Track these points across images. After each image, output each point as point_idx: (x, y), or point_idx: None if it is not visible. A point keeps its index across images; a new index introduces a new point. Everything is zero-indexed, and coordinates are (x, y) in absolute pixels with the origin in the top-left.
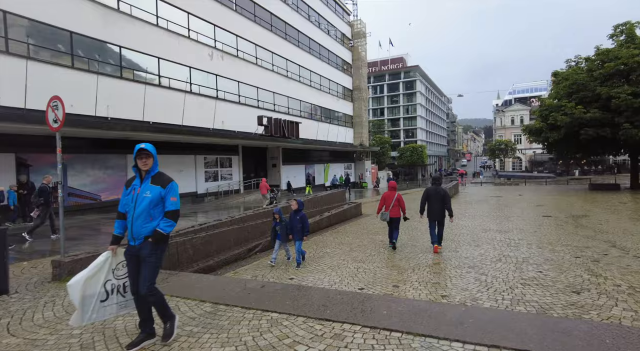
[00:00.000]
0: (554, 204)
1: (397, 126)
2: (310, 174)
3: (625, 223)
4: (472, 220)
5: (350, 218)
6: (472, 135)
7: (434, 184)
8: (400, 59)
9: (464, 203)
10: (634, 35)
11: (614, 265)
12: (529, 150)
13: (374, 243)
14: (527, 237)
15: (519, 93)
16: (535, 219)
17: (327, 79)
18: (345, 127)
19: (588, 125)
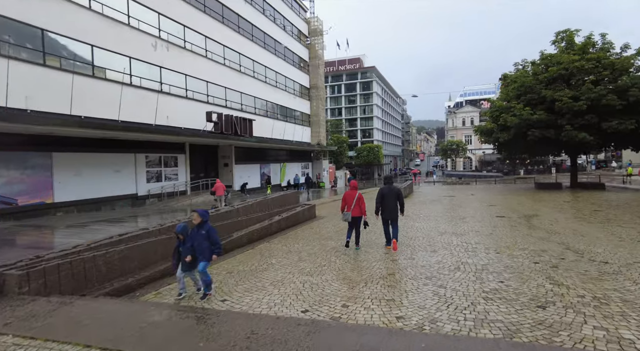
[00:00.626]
0: (505, 204)
1: (354, 126)
2: (265, 174)
3: (573, 223)
4: (428, 221)
5: (304, 221)
6: (425, 135)
7: (386, 184)
8: (357, 60)
9: (418, 204)
10: (573, 42)
11: (572, 270)
12: (478, 150)
13: (325, 251)
14: (484, 240)
15: (470, 95)
16: (489, 220)
17: (284, 75)
18: (303, 125)
19: (535, 126)
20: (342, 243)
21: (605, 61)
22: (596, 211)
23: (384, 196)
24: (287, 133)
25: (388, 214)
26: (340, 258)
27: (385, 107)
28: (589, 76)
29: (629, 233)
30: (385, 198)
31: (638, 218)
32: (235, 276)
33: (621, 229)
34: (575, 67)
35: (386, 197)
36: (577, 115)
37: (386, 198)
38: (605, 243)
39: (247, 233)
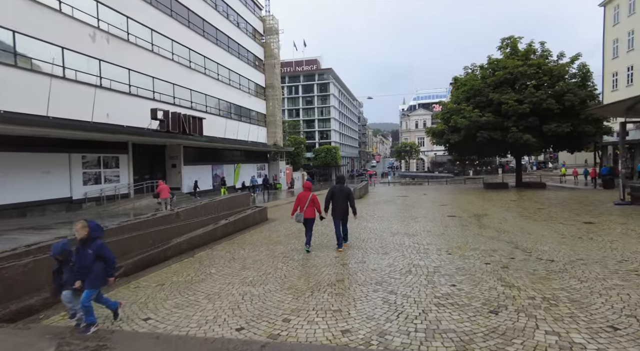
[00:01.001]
0: (456, 203)
1: (312, 127)
2: (218, 175)
3: (520, 221)
4: (381, 222)
5: (254, 225)
6: (381, 138)
7: (338, 183)
8: (314, 61)
9: (373, 204)
10: (516, 49)
11: (522, 270)
12: (430, 152)
13: (273, 257)
14: (436, 241)
15: (422, 99)
16: (441, 219)
17: (237, 73)
18: (258, 125)
19: (483, 128)
20: (291, 247)
21: (545, 67)
22: (540, 209)
23: (334, 195)
24: (241, 133)
25: (338, 214)
26: (287, 265)
27: (343, 109)
28: (531, 81)
29: (570, 230)
30: (336, 197)
31: (576, 215)
32: (166, 289)
33: (562, 226)
34: (519, 72)
35: (336, 196)
36: (522, 118)
37: (336, 197)
38: (549, 241)
39: (187, 239)
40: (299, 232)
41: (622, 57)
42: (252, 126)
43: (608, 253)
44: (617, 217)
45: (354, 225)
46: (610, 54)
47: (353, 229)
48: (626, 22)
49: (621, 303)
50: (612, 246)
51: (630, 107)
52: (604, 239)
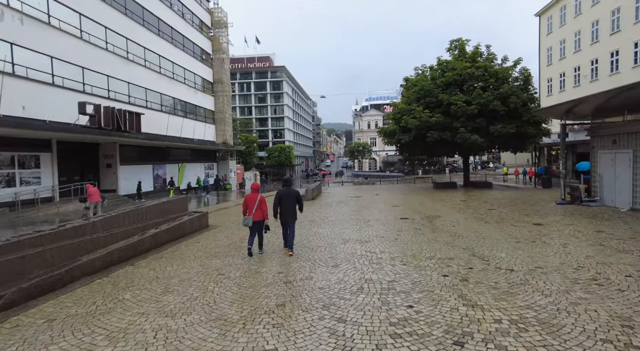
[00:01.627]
0: (408, 204)
1: (265, 126)
2: (160, 175)
3: (473, 223)
4: (333, 226)
5: (192, 233)
6: (335, 137)
7: (285, 186)
8: (267, 58)
9: (325, 206)
10: (464, 51)
11: (483, 283)
12: (382, 151)
13: (206, 274)
14: (389, 248)
15: (374, 100)
16: (394, 223)
17: (182, 67)
18: (206, 123)
19: (433, 128)
20: (229, 261)
21: (491, 70)
22: (490, 210)
23: (282, 198)
24: (186, 130)
25: (286, 217)
26: (220, 285)
27: (296, 108)
28: (479, 83)
29: (522, 233)
30: (283, 200)
31: (525, 216)
32: (56, 327)
33: (515, 229)
34: (467, 74)
35: (284, 200)
36: (470, 119)
37: (284, 200)
38: (505, 246)
39: (104, 254)
40: (241, 241)
41: (555, 64)
42: (199, 123)
43: (564, 259)
44: (563, 218)
45: (304, 232)
46: (545, 61)
47: (303, 236)
48: (558, 32)
49: (592, 323)
50: (565, 250)
51: (569, 109)
52: (557, 243)
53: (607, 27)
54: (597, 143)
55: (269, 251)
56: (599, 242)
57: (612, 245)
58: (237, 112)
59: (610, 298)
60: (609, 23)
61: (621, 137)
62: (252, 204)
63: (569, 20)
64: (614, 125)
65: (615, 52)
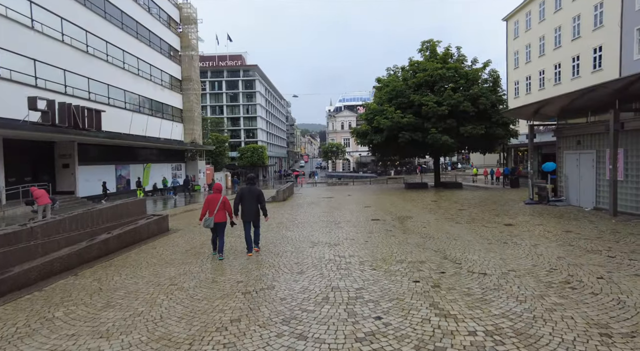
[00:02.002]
0: (380, 204)
1: (237, 125)
2: (123, 176)
3: (443, 224)
4: (302, 229)
5: (148, 238)
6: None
7: (248, 184)
8: (239, 57)
9: (296, 207)
10: (435, 52)
11: (455, 289)
12: (355, 152)
13: (156, 285)
14: (359, 252)
15: (348, 101)
16: (365, 224)
17: (148, 63)
18: (173, 121)
19: (405, 129)
20: (185, 269)
21: (461, 71)
22: (460, 210)
23: (243, 197)
24: (152, 129)
25: (248, 216)
26: (171, 297)
27: (269, 108)
28: (449, 84)
29: (493, 234)
30: (245, 199)
31: (495, 216)
32: None
33: (486, 230)
34: (438, 75)
35: (246, 198)
36: (441, 119)
37: (246, 199)
38: (477, 248)
39: (42, 264)
40: (201, 245)
41: (522, 67)
42: (166, 122)
43: (536, 261)
44: (532, 218)
45: (271, 235)
46: (512, 64)
47: (269, 240)
48: (524, 37)
49: (570, 333)
50: (537, 251)
51: (536, 110)
52: (528, 244)
53: (569, 33)
54: (563, 143)
55: (231, 257)
56: (568, 242)
57: (580, 245)
58: (208, 111)
59: (584, 302)
60: (570, 29)
61: (585, 138)
62: (214, 205)
63: (534, 26)
64: (578, 126)
65: (576, 57)
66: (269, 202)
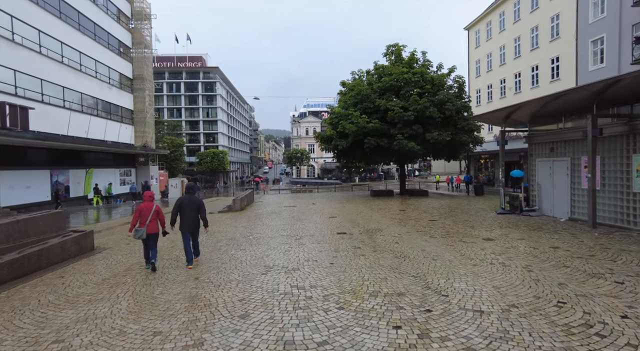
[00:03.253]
0: (346, 214)
1: (197, 129)
2: (61, 183)
3: (417, 239)
4: (255, 247)
5: (59, 263)
6: (273, 144)
7: (188, 193)
8: (199, 58)
9: (254, 218)
10: (401, 56)
11: (451, 341)
12: (320, 158)
13: (32, 344)
14: (323, 280)
15: (312, 107)
16: (330, 239)
17: (93, 58)
18: (122, 123)
19: (371, 134)
20: (88, 311)
21: (427, 76)
22: (432, 221)
23: (183, 207)
24: (95, 130)
25: (187, 227)
26: None
27: (232, 112)
28: (415, 89)
29: (475, 251)
30: (184, 209)
31: (470, 228)
32: None
33: (465, 246)
34: (404, 79)
35: (185, 208)
36: (407, 125)
37: (185, 209)
38: (462, 271)
39: None
40: (126, 271)
41: (483, 76)
42: (113, 123)
43: (537, 291)
44: (510, 230)
45: (216, 257)
46: (474, 73)
47: (212, 264)
48: (485, 46)
49: None
50: (532, 276)
51: (508, 115)
52: (518, 265)
53: (528, 43)
54: (535, 150)
55: (165, 281)
56: (561, 262)
57: (577, 267)
58: (165, 113)
59: None
60: (529, 39)
61: (559, 145)
62: (146, 214)
63: (495, 36)
64: (551, 133)
65: (535, 66)
66: (225, 211)
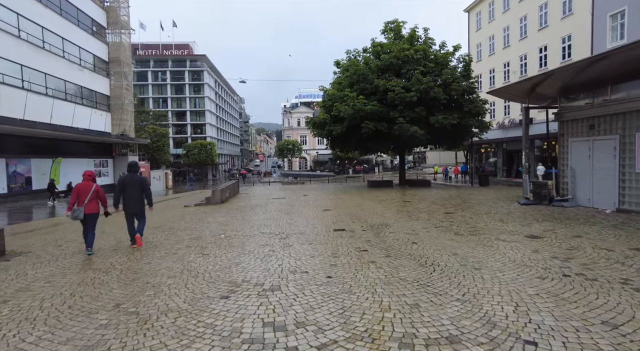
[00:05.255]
0: (343, 207)
1: (183, 120)
2: (21, 173)
3: (439, 236)
4: (225, 251)
5: None
6: (265, 137)
7: (130, 171)
8: (186, 46)
9: (234, 211)
10: (400, 33)
11: None
12: (313, 150)
13: None
14: (315, 310)
15: (304, 97)
16: (325, 238)
17: (59, 36)
18: (96, 109)
19: (369, 118)
20: None
21: (429, 54)
22: (448, 214)
23: (125, 186)
24: (63, 115)
25: (131, 207)
26: None
27: (220, 102)
28: (418, 67)
29: (526, 254)
30: (127, 188)
31: (500, 222)
32: None
33: (506, 246)
34: (405, 56)
35: (128, 187)
36: (409, 107)
37: (128, 188)
38: (529, 290)
39: None
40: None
41: (485, 60)
42: (84, 108)
43: None
44: (553, 225)
45: (167, 265)
46: (475, 57)
47: (156, 276)
48: (487, 28)
49: None
50: (634, 301)
51: (533, 87)
52: (607, 278)
53: (535, 22)
54: (568, 129)
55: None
56: None
57: None
58: (151, 103)
59: None
60: (537, 18)
61: (602, 120)
62: (85, 194)
63: (498, 16)
64: (591, 106)
65: (543, 47)
66: (202, 204)
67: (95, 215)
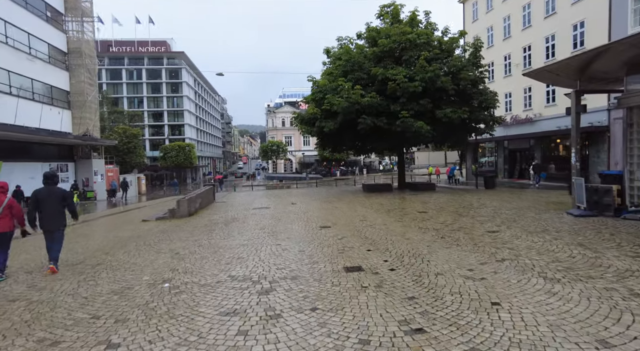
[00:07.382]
0: (344, 222)
1: (160, 121)
2: None
3: (515, 278)
4: (157, 331)
5: None
6: (248, 138)
7: (46, 184)
8: (163, 43)
9: (201, 230)
10: (398, 17)
11: None
12: (298, 151)
13: None
14: None
15: (289, 97)
16: (336, 295)
17: (2, 19)
18: (52, 105)
19: (366, 112)
20: None
21: (433, 39)
22: (494, 233)
23: (40, 201)
24: (5, 112)
25: (47, 224)
26: None
27: (200, 102)
28: (422, 52)
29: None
30: (43, 204)
31: (580, 246)
32: None
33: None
34: (407, 40)
35: (44, 203)
36: (412, 99)
37: (44, 203)
38: None
39: None
40: None
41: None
42: (34, 104)
43: None
44: None
45: None
46: None
47: None
48: (485, 19)
49: None
50: None
51: (587, 64)
52: None
53: (541, 9)
54: (639, 118)
55: None
56: None
57: None
58: (125, 103)
59: None
60: (542, 5)
61: None
62: None
63: (497, 5)
64: None
65: (550, 36)
66: (164, 218)
67: (7, 234)
